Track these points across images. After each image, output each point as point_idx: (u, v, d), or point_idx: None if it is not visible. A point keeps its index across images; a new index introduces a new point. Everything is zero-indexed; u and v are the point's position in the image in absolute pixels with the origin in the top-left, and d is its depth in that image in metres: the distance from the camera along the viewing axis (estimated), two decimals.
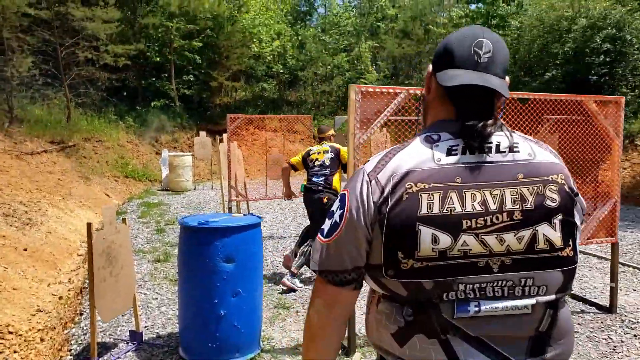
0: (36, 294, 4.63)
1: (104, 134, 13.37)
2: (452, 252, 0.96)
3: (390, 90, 3.07)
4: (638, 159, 11.69)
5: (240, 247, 3.05)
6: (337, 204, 1.08)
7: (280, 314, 4.04)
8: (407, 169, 1.01)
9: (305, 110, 21.82)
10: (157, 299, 4.40)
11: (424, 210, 0.97)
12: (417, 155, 1.03)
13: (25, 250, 5.32)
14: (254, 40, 19.80)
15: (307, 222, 5.38)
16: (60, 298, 4.62)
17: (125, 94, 17.20)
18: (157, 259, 5.70)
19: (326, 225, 1.07)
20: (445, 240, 0.96)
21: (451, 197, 0.98)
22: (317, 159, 4.98)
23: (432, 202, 0.97)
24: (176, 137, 16.30)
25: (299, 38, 22.74)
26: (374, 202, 1.01)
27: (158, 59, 16.94)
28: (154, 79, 17.34)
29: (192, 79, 18.04)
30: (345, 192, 1.07)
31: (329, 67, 23.18)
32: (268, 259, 5.70)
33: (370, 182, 1.03)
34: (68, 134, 11.68)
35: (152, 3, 16.89)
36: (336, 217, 1.05)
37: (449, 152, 1.02)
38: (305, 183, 5.00)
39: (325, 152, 5.00)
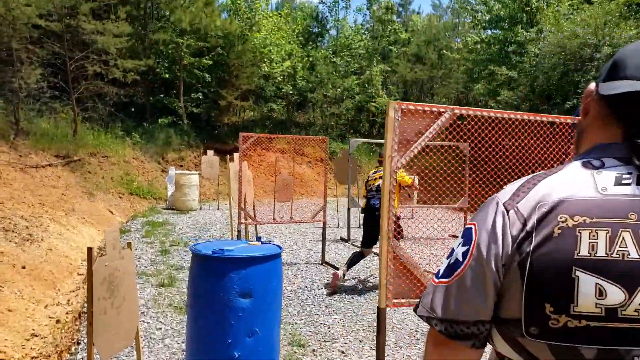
0: (32, 316, 4.27)
1: (110, 149, 13.13)
2: (625, 312, 0.74)
3: (434, 109, 2.75)
4: None
5: (259, 281, 2.70)
6: (459, 240, 0.89)
7: (295, 352, 3.65)
8: (560, 198, 0.79)
9: (313, 132, 21.62)
10: (160, 329, 4.02)
11: (583, 252, 0.75)
12: (573, 182, 0.81)
13: (24, 268, 4.98)
14: (265, 60, 19.73)
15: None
16: (58, 322, 4.26)
17: (132, 109, 17.03)
18: (161, 283, 5.33)
19: (443, 265, 0.89)
20: (615, 294, 0.74)
21: (623, 238, 0.75)
22: (374, 184, 5.48)
23: (596, 242, 0.75)
24: (182, 155, 16.05)
25: (310, 59, 22.69)
26: (512, 236, 0.80)
27: (167, 75, 16.83)
28: (162, 95, 17.20)
29: (200, 97, 17.89)
30: (472, 226, 0.87)
31: (339, 89, 23.07)
32: None
33: (508, 212, 0.82)
34: (74, 148, 11.43)
35: (163, 19, 16.87)
36: (457, 254, 0.86)
37: (619, 182, 0.79)
38: (363, 207, 5.58)
39: (381, 177, 4.84)
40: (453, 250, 0.88)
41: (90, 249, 2.55)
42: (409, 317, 4.45)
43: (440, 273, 0.88)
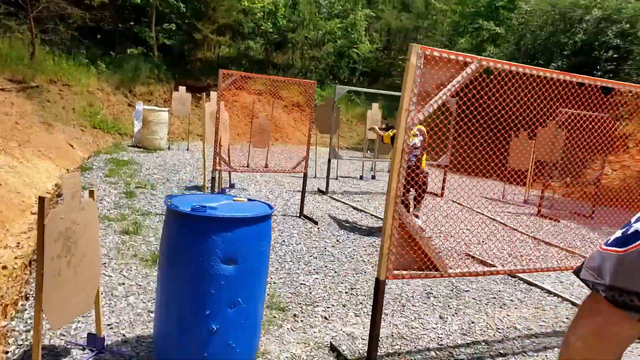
0: None
1: (72, 77, 12.14)
2: None
3: (460, 59, 2.33)
4: (628, 161, 11.38)
5: (246, 246, 2.31)
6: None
7: (274, 317, 3.35)
8: None
9: (292, 74, 20.81)
10: (124, 284, 3.63)
11: None
12: None
13: None
14: None
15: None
16: (4, 268, 3.81)
17: (99, 36, 15.78)
18: (126, 230, 4.89)
19: (615, 234, 0.84)
20: None
21: None
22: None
23: None
24: (152, 90, 15.12)
25: None
26: None
27: (139, 1, 15.53)
28: (132, 23, 15.94)
29: (174, 29, 16.71)
30: None
31: (321, 32, 22.09)
32: None
33: None
34: (31, 73, 10.45)
35: None
36: (638, 227, 0.81)
37: None
38: None
39: (415, 135, 5.27)
40: (630, 222, 0.84)
41: (42, 199, 2.09)
42: (393, 282, 4.21)
43: (610, 241, 0.84)
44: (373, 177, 10.38)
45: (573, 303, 4.14)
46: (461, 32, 19.42)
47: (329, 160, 8.01)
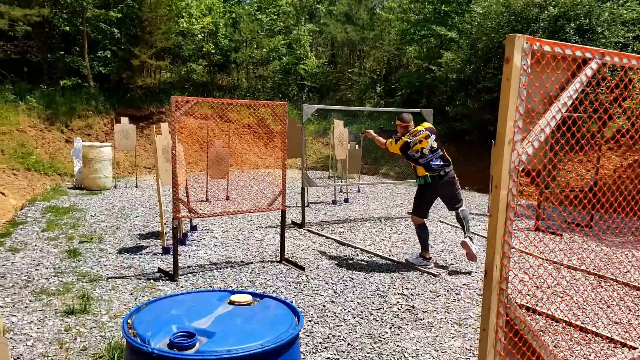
0: None
1: None
2: None
3: (578, 53, 1.53)
4: (603, 161, 11.17)
5: None
6: None
7: None
8: None
9: (238, 95, 19.88)
10: None
11: None
12: None
13: None
14: (183, 14, 17.47)
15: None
16: None
17: (26, 69, 14.23)
18: (69, 309, 3.78)
19: None
20: None
21: None
22: (423, 147, 5.04)
23: None
24: (90, 123, 13.68)
25: (233, 15, 20.61)
26: None
27: (67, 28, 14.13)
28: (62, 52, 14.49)
29: (109, 56, 15.37)
30: None
31: (265, 50, 21.31)
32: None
33: None
34: None
35: None
36: None
37: None
38: (427, 174, 5.01)
39: (426, 137, 5.07)
40: None
41: None
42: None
43: None
44: (346, 200, 9.56)
45: None
46: (409, 40, 19.20)
47: (303, 189, 7.11)
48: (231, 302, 1.67)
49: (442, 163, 5.04)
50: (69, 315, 3.71)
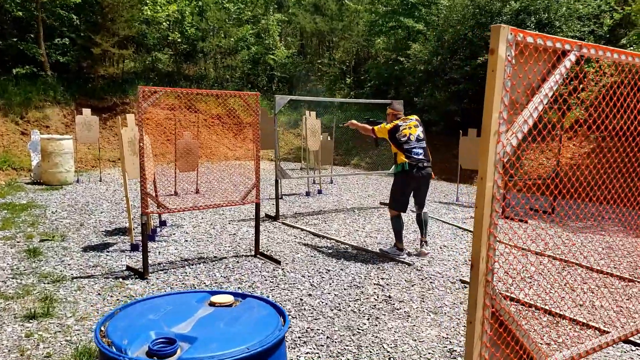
0: None
1: None
2: None
3: (558, 45, 1.52)
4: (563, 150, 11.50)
5: None
6: None
7: None
8: None
9: (206, 85, 19.51)
10: None
11: None
12: None
13: None
14: (146, 2, 16.96)
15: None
16: None
17: None
18: (30, 313, 3.60)
19: None
20: None
21: None
22: (411, 134, 5.10)
23: None
24: (48, 114, 13.13)
25: (199, 4, 20.13)
26: None
27: (20, 13, 13.47)
28: (15, 39, 13.81)
29: (67, 43, 14.75)
30: None
31: (233, 39, 20.94)
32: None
33: None
34: None
35: None
36: None
37: None
38: (406, 161, 5.03)
39: (416, 125, 5.18)
40: None
41: None
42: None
43: None
44: (320, 192, 9.52)
45: None
46: (377, 32, 19.23)
47: (277, 181, 7.02)
48: (212, 304, 1.59)
49: (423, 156, 5.11)
50: (30, 320, 3.53)
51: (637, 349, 3.27)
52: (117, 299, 3.95)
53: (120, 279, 4.43)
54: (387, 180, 11.60)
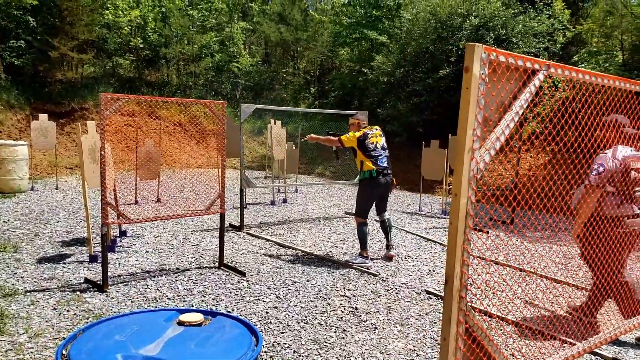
0: None
1: None
2: None
3: (528, 65, 1.57)
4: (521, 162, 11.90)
5: None
6: None
7: None
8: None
9: (168, 92, 19.18)
10: None
11: None
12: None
13: None
14: (107, 6, 16.58)
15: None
16: None
17: None
18: None
19: None
20: None
21: None
22: (377, 142, 5.34)
23: None
24: (1, 119, 12.55)
25: (162, 9, 19.83)
26: None
27: None
28: None
29: (23, 46, 14.19)
30: None
31: (197, 46, 20.70)
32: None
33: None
34: None
35: None
36: None
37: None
38: (374, 168, 5.25)
39: (380, 135, 5.43)
40: None
41: None
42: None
43: None
44: (285, 201, 9.47)
45: None
46: (342, 43, 19.45)
47: (241, 190, 6.93)
48: (180, 323, 1.53)
49: (387, 164, 5.40)
50: None
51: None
52: (74, 314, 3.78)
53: (78, 292, 4.25)
54: (352, 189, 11.67)
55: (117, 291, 4.34)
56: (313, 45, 21.13)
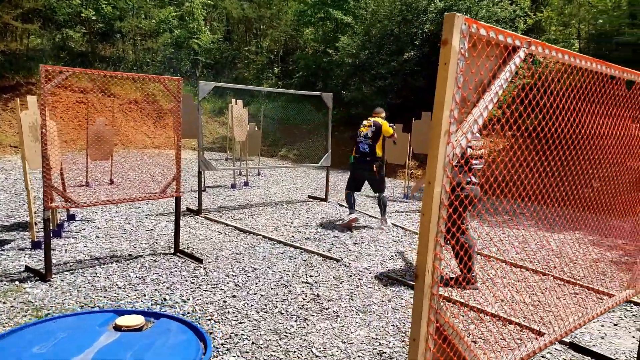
0: None
1: None
2: None
3: (509, 40, 1.43)
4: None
5: None
6: None
7: None
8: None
9: (124, 68, 18.33)
10: None
11: None
12: None
13: None
14: None
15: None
16: None
17: None
18: None
19: None
20: None
21: None
22: (362, 131, 6.09)
23: None
24: None
25: None
26: None
27: None
28: None
29: None
30: None
31: (154, 20, 19.82)
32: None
33: None
34: None
35: None
36: None
37: None
38: (354, 154, 6.14)
39: (369, 126, 6.06)
40: None
41: None
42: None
43: None
44: (246, 184, 9.22)
45: None
46: (306, 22, 19.07)
47: (200, 173, 6.64)
48: (117, 328, 1.32)
49: (367, 150, 6.00)
50: None
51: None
52: (11, 306, 3.48)
53: (17, 282, 3.92)
54: (316, 173, 11.53)
55: (62, 280, 4.04)
56: (277, 24, 20.62)
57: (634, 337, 3.51)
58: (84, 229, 5.57)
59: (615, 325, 3.71)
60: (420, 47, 12.58)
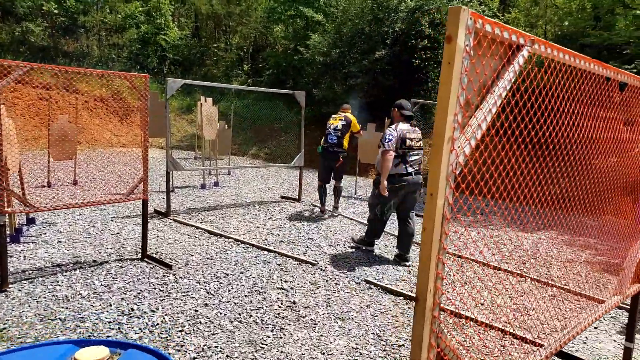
0: None
1: None
2: None
3: (514, 38, 1.32)
4: None
5: None
6: None
7: None
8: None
9: (88, 64, 17.70)
10: None
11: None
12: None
13: None
14: None
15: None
16: None
17: None
18: None
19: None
20: None
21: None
22: (332, 124, 6.60)
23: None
24: None
25: None
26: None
27: None
28: None
29: None
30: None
31: (120, 15, 19.23)
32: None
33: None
34: None
35: None
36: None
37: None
38: (322, 144, 6.64)
39: (341, 120, 6.59)
40: None
41: None
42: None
43: None
44: (216, 184, 8.97)
45: None
46: (276, 20, 18.83)
47: (168, 174, 6.37)
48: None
49: (335, 142, 6.48)
50: None
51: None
52: None
53: None
54: (288, 172, 11.36)
55: (20, 290, 3.76)
56: (246, 21, 20.30)
57: (615, 340, 3.51)
58: (45, 233, 5.25)
59: (595, 328, 3.71)
60: (391, 46, 12.56)
